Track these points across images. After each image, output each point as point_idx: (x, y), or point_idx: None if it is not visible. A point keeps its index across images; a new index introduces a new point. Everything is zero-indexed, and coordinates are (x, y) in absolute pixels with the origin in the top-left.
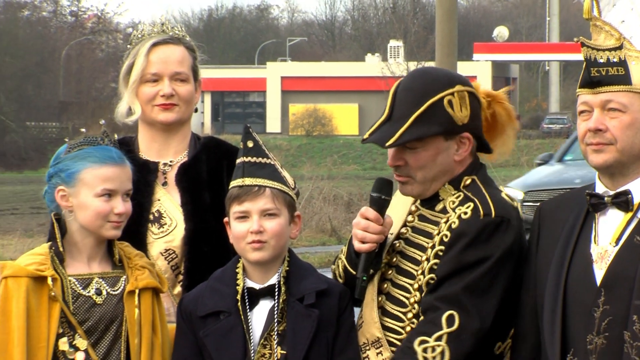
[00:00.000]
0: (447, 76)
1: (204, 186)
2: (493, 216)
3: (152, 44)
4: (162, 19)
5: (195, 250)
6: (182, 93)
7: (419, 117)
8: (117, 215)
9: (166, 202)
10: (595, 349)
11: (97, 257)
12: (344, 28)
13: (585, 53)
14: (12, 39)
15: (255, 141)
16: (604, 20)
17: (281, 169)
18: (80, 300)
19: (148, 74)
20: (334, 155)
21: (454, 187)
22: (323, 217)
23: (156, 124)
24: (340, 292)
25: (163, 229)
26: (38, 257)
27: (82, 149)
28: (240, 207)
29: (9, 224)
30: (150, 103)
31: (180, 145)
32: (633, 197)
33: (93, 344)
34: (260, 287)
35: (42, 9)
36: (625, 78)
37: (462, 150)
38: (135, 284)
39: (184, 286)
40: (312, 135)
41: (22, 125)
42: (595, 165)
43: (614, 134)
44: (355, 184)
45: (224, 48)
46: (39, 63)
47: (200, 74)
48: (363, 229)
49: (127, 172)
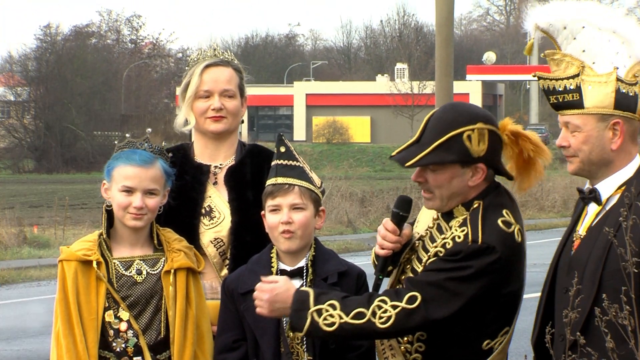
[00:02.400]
0: (472, 113)
1: (248, 185)
2: (479, 243)
3: (205, 65)
4: (214, 45)
5: (239, 240)
6: (230, 107)
7: (439, 145)
8: (135, 208)
9: (216, 198)
10: (570, 322)
11: (138, 242)
12: (358, 53)
13: (543, 84)
14: (82, 63)
15: (287, 147)
16: (563, 53)
17: (309, 171)
18: (123, 279)
19: (201, 91)
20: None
21: (465, 208)
22: (341, 211)
23: (208, 133)
24: (358, 273)
25: (213, 221)
26: (87, 243)
27: (122, 150)
28: (273, 202)
29: (80, 216)
30: (203, 116)
31: (228, 151)
32: (600, 194)
33: (136, 315)
34: (291, 269)
35: (107, 37)
36: (579, 103)
37: (476, 177)
38: (171, 264)
39: (229, 269)
40: (331, 143)
41: (90, 134)
42: (569, 172)
43: (574, 148)
44: (368, 183)
45: (258, 70)
46: (104, 82)
47: (246, 91)
48: (382, 237)
49: (150, 173)
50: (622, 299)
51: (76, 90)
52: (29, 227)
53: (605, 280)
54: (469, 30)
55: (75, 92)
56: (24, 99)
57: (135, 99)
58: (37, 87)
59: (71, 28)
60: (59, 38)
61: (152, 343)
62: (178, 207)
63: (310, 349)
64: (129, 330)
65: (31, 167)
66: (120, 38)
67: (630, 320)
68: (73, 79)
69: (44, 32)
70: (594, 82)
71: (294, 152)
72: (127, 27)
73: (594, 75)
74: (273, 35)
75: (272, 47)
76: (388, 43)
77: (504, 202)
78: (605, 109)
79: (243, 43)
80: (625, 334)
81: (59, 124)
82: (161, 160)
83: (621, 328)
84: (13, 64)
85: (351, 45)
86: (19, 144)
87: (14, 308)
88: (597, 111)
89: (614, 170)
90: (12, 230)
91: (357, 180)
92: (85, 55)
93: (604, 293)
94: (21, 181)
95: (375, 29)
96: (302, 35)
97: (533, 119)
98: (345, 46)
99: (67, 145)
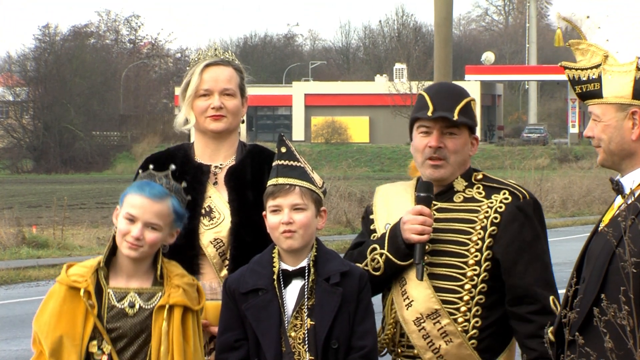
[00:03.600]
0: (462, 88)
1: (248, 186)
2: (528, 198)
3: (205, 64)
4: (215, 45)
5: (239, 240)
6: (230, 106)
7: (461, 109)
8: (132, 237)
9: (216, 199)
10: (569, 322)
11: (136, 273)
12: (357, 53)
13: (568, 74)
14: (80, 63)
15: (288, 147)
16: (589, 42)
17: (310, 171)
18: (114, 310)
19: (201, 90)
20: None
21: (464, 179)
22: (339, 211)
23: (208, 132)
24: (360, 273)
25: (213, 222)
26: (83, 269)
27: (140, 179)
28: (274, 202)
29: (78, 216)
30: (203, 114)
31: (229, 151)
32: (624, 187)
33: (121, 349)
34: (292, 269)
35: (106, 38)
36: (598, 92)
37: (473, 148)
38: (166, 299)
39: (229, 270)
40: (330, 143)
41: (88, 134)
42: (597, 163)
43: (597, 138)
44: (367, 183)
45: (257, 70)
46: (102, 82)
47: (247, 91)
48: (422, 223)
49: (156, 208)
50: (620, 299)
51: (75, 91)
52: (28, 227)
53: (610, 275)
54: (468, 30)
55: (74, 92)
56: (22, 99)
57: (134, 99)
58: (36, 87)
59: (70, 28)
60: (57, 38)
61: None
62: None
63: (312, 349)
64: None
65: (30, 167)
66: (118, 38)
67: (629, 320)
68: (72, 79)
69: (43, 32)
70: (615, 71)
71: (295, 152)
72: (126, 27)
73: (616, 64)
74: (272, 36)
75: (271, 47)
76: (387, 43)
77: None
78: (624, 99)
79: (242, 43)
80: (624, 333)
81: (57, 124)
82: (174, 199)
83: (620, 328)
84: (12, 64)
85: (350, 45)
86: (18, 144)
87: (13, 308)
88: (615, 100)
89: (639, 162)
90: (11, 230)
91: (356, 180)
92: (84, 56)
93: (609, 288)
94: (20, 181)
95: (374, 29)
96: (301, 36)
97: (532, 119)
98: (344, 46)
99: (65, 145)
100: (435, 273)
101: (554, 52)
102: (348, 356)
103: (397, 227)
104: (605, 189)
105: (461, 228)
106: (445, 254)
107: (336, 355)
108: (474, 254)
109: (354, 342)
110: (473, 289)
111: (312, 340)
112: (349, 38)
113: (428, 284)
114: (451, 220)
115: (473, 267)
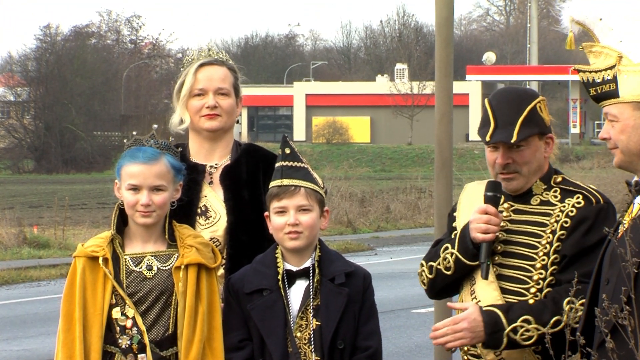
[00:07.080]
0: (528, 90)
1: (243, 185)
2: (602, 202)
3: (200, 64)
4: (209, 45)
5: (235, 239)
6: (224, 105)
7: (524, 121)
8: (142, 206)
9: (212, 198)
10: (601, 324)
11: (151, 238)
12: (358, 53)
13: (582, 77)
14: (82, 63)
15: (292, 148)
16: (602, 45)
17: (313, 172)
18: (133, 275)
19: (196, 89)
20: (350, 159)
21: (544, 182)
22: (340, 211)
23: (203, 131)
24: (364, 274)
25: (208, 221)
26: (99, 240)
27: (129, 149)
28: (280, 203)
29: (79, 216)
30: (198, 114)
31: (224, 150)
32: None
33: (144, 311)
34: (297, 269)
35: (107, 38)
36: (614, 93)
37: (549, 148)
38: (181, 260)
39: (226, 269)
40: (331, 143)
41: (89, 134)
42: (614, 165)
43: (614, 139)
44: (368, 183)
45: (258, 70)
46: (103, 83)
47: (241, 91)
48: (486, 222)
49: (155, 169)
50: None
51: (76, 91)
52: (29, 227)
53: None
54: (469, 30)
55: (75, 92)
56: (23, 99)
57: (135, 99)
58: (37, 87)
59: (71, 28)
60: (58, 38)
61: (159, 339)
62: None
63: (318, 350)
64: (133, 328)
65: (31, 168)
66: (120, 38)
67: (630, 321)
68: (73, 79)
69: (44, 32)
70: (630, 71)
71: (298, 153)
72: (127, 28)
73: (631, 64)
74: (273, 36)
75: (272, 47)
76: (388, 43)
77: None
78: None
79: (243, 43)
80: (626, 334)
81: (58, 124)
82: (168, 156)
83: (621, 328)
84: (13, 64)
85: (351, 45)
86: (19, 144)
87: (14, 308)
88: (632, 99)
89: None
90: (12, 230)
91: (357, 181)
92: (85, 56)
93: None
94: (21, 181)
95: (375, 29)
96: (302, 36)
97: None
98: (345, 46)
99: (66, 145)
100: (504, 275)
101: (555, 53)
102: (353, 356)
103: (467, 226)
104: (606, 189)
105: (533, 231)
106: (515, 256)
107: (342, 356)
108: (542, 257)
109: (359, 343)
110: (539, 292)
111: (318, 341)
112: (350, 38)
113: (496, 286)
114: (525, 223)
115: (540, 270)
